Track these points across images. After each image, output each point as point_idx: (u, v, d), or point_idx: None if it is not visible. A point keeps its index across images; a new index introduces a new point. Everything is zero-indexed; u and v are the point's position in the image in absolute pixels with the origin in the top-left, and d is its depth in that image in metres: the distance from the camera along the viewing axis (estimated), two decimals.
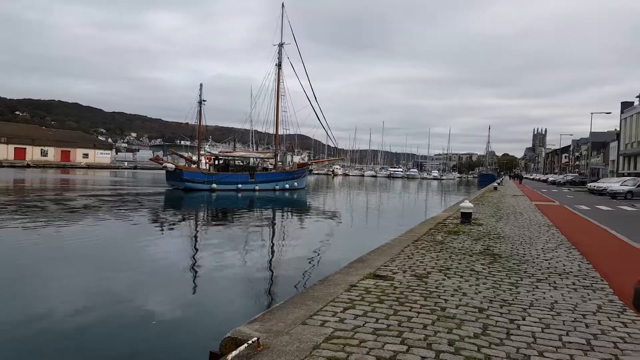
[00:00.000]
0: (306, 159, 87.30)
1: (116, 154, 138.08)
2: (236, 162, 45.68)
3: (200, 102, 45.48)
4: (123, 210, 23.58)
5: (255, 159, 48.43)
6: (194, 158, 48.77)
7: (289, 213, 27.71)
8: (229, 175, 41.37)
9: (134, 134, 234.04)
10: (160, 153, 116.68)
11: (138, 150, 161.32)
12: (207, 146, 64.82)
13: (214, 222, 22.06)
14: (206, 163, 47.12)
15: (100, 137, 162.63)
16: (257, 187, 41.58)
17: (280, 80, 45.57)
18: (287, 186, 44.17)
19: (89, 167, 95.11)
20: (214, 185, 39.11)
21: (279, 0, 45.27)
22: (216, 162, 44.50)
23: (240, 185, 40.69)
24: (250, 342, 3.89)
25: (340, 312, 4.95)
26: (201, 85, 45.75)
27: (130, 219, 20.48)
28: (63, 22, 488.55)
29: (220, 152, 52.76)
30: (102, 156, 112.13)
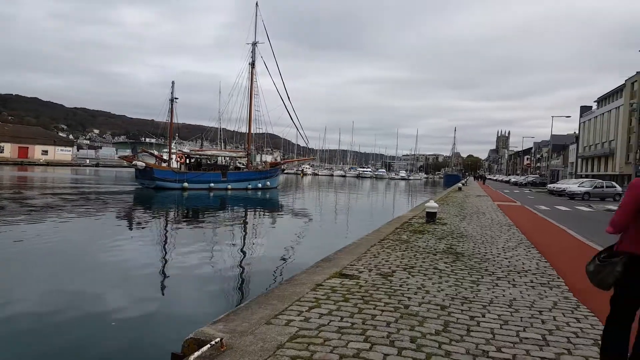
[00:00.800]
0: (279, 158, 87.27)
1: (78, 150, 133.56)
2: (208, 161, 45.29)
3: (172, 100, 44.73)
4: (89, 210, 22.90)
5: (223, 158, 47.96)
6: (165, 156, 47.91)
7: (260, 212, 27.59)
8: (201, 174, 40.90)
9: (96, 131, 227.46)
10: (127, 151, 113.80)
11: (101, 148, 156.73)
12: (174, 144, 63.68)
13: (183, 222, 21.69)
14: (177, 161, 46.40)
15: (60, 134, 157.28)
16: (229, 186, 41.25)
17: (254, 80, 45.39)
18: (259, 185, 44.00)
19: (48, 164, 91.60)
20: (186, 184, 38.62)
21: None
22: (188, 160, 43.93)
23: (212, 185, 40.27)
24: (213, 342, 3.85)
25: (306, 311, 4.96)
26: (173, 82, 44.98)
27: (97, 218, 19.92)
28: (24, 14, 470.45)
29: (191, 150, 51.99)
30: (62, 153, 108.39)
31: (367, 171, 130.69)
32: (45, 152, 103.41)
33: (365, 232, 12.16)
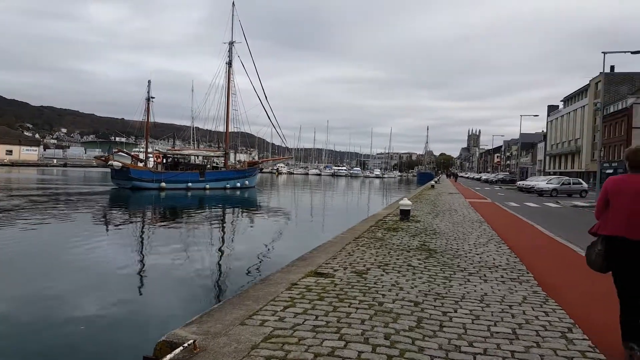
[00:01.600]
0: (256, 157, 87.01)
1: (44, 150, 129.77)
2: (183, 160, 44.99)
3: (148, 99, 44.28)
4: (61, 211, 22.30)
5: (196, 157, 47.50)
6: (140, 156, 47.26)
7: (238, 212, 27.47)
8: (179, 174, 40.58)
9: (64, 130, 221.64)
10: (97, 150, 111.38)
11: (69, 147, 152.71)
12: (145, 143, 62.68)
13: (160, 222, 21.35)
14: (154, 161, 45.77)
15: (26, 133, 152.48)
16: (207, 186, 40.96)
17: (231, 79, 45.27)
18: (238, 185, 43.84)
19: (13, 164, 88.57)
20: (163, 184, 38.20)
21: None
22: (165, 160, 43.36)
23: (190, 184, 39.93)
24: (186, 344, 3.79)
25: (280, 310, 4.94)
26: (149, 82, 44.71)
27: (70, 220, 19.46)
28: None
29: (168, 150, 51.40)
30: (28, 153, 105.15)
31: (342, 170, 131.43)
32: (9, 152, 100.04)
33: (341, 231, 12.20)
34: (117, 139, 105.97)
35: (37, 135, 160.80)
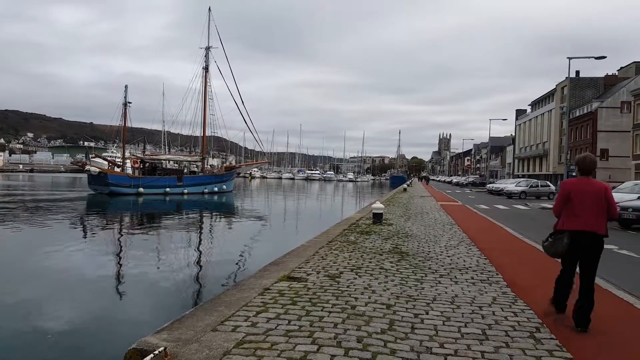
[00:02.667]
0: (234, 162, 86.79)
1: (10, 155, 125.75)
2: (162, 165, 44.65)
3: (125, 104, 43.77)
4: (39, 218, 21.62)
5: (168, 162, 46.93)
6: (118, 161, 46.57)
7: (215, 217, 27.31)
8: (156, 179, 40.26)
9: (30, 134, 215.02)
10: (65, 155, 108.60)
11: (35, 152, 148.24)
12: (114, 148, 61.91)
13: (137, 228, 21.00)
14: (132, 166, 45.14)
15: None
16: (185, 191, 40.65)
17: (208, 84, 45.16)
18: (215, 189, 43.66)
19: None
20: (141, 190, 37.73)
21: None
22: (142, 165, 42.80)
23: (168, 189, 39.56)
24: (156, 352, 3.72)
25: (253, 316, 4.90)
26: (126, 86, 44.40)
27: (47, 227, 18.91)
28: None
29: (145, 154, 50.66)
30: None
31: (315, 174, 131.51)
32: None
33: (314, 234, 12.21)
34: (86, 143, 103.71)
35: (2, 140, 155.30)
